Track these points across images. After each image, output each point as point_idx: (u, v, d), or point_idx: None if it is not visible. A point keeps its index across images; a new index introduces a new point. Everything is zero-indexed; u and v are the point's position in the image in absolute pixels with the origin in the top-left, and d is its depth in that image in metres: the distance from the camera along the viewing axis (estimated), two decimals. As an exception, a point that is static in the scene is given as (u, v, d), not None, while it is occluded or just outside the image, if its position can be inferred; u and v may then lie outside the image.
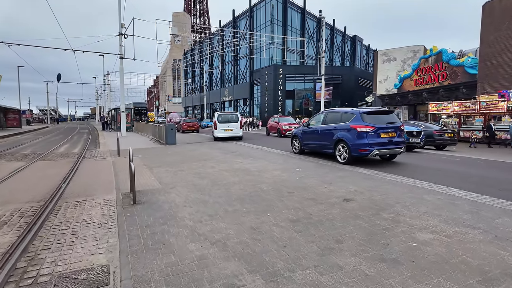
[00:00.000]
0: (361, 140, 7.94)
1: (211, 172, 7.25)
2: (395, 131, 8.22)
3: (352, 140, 8.11)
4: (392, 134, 8.17)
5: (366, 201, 4.61)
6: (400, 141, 8.35)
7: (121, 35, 19.08)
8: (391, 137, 8.15)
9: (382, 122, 8.22)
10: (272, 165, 8.08)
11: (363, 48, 67.59)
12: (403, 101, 29.27)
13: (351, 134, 8.18)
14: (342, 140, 8.47)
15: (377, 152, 7.92)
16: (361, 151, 7.95)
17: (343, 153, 8.48)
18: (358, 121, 8.18)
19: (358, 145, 7.97)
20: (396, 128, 8.26)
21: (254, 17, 45.78)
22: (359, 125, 8.07)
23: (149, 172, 7.48)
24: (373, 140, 7.92)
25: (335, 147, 8.78)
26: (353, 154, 8.13)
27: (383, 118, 8.41)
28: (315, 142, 9.91)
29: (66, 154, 11.67)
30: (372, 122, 8.10)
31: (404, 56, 31.29)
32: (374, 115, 8.35)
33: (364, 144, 7.90)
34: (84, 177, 7.13)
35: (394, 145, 8.19)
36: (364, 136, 7.94)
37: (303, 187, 5.56)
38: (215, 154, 10.84)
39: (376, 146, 7.92)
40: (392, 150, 8.26)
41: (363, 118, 8.17)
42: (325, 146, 9.34)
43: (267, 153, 10.91)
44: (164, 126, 14.95)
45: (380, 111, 8.81)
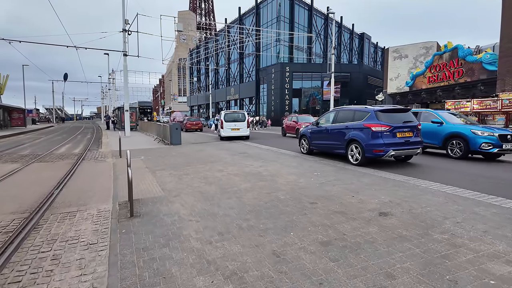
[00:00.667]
0: (376, 140, 7.42)
1: (219, 177, 6.54)
2: (412, 130, 7.70)
3: (366, 140, 7.58)
4: (409, 134, 7.64)
5: (407, 216, 3.85)
6: (417, 141, 7.79)
7: (125, 31, 18.49)
8: (408, 137, 7.61)
9: (398, 121, 7.67)
10: (286, 169, 7.34)
11: (371, 46, 66.40)
12: (415, 99, 28.27)
13: (365, 134, 7.66)
14: (354, 140, 7.96)
15: (393, 153, 7.39)
16: (376, 151, 7.41)
17: (355, 153, 7.95)
18: (373, 119, 7.65)
19: (373, 145, 7.44)
20: (413, 127, 7.74)
21: (260, 14, 45.01)
22: (373, 124, 7.53)
23: (151, 176, 6.80)
24: (389, 140, 7.40)
25: (347, 147, 8.26)
26: (366, 155, 7.60)
27: (399, 116, 7.86)
28: (325, 142, 9.40)
29: (65, 155, 11.08)
30: (388, 120, 7.57)
31: (416, 53, 30.24)
32: (389, 113, 7.80)
33: (379, 144, 7.37)
34: (80, 182, 6.48)
35: (411, 145, 7.63)
36: (379, 135, 7.42)
37: (326, 196, 4.81)
38: (222, 155, 10.14)
39: (392, 146, 7.38)
40: (409, 151, 7.70)
41: (378, 117, 7.63)
42: (336, 146, 8.81)
43: (278, 154, 10.17)
44: (168, 126, 14.31)
45: (396, 109, 8.16)
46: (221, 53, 58.45)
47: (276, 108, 41.33)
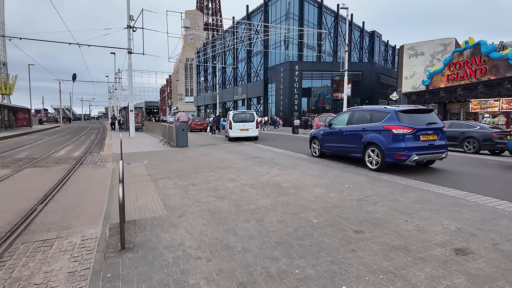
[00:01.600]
0: (398, 143, 6.84)
1: (232, 188, 5.56)
2: (436, 133, 7.12)
3: (387, 144, 6.99)
4: (433, 137, 7.06)
5: (496, 255, 2.80)
6: (442, 144, 7.21)
7: (130, 28, 17.67)
8: (432, 140, 7.03)
9: (422, 123, 7.06)
10: (308, 178, 6.32)
11: (382, 44, 64.78)
12: (433, 99, 26.89)
13: (385, 136, 7.07)
14: (373, 143, 7.37)
15: (417, 157, 6.77)
16: (398, 156, 6.82)
17: (374, 158, 7.32)
18: (394, 121, 7.04)
19: (394, 149, 6.85)
20: (438, 130, 7.15)
21: (269, 12, 43.96)
22: (394, 126, 6.93)
23: (152, 187, 5.85)
24: (412, 144, 6.78)
25: (364, 151, 7.65)
26: (387, 160, 7.00)
27: (423, 117, 7.24)
28: (339, 145, 8.77)
29: (63, 159, 10.24)
30: (410, 122, 6.95)
31: (433, 50, 28.82)
32: (411, 114, 7.19)
33: (401, 148, 6.77)
34: (71, 194, 5.57)
35: (435, 149, 7.05)
36: (401, 138, 6.83)
37: (372, 220, 3.78)
38: (233, 160, 9.15)
39: (416, 150, 6.77)
40: (434, 155, 7.11)
41: (399, 118, 7.01)
42: (351, 150, 8.19)
43: (295, 159, 9.14)
44: (174, 127, 13.40)
45: (419, 109, 7.51)
46: (228, 52, 57.59)
47: (285, 108, 40.24)
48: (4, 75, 67.77)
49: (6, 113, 27.19)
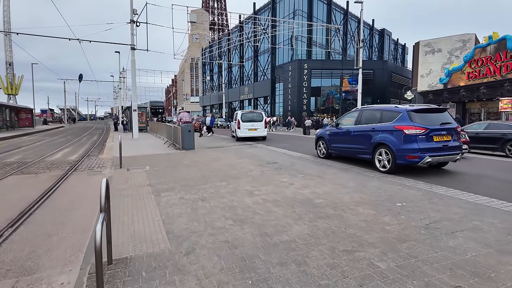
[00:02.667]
0: (410, 144, 6.50)
1: (252, 206, 4.43)
2: (450, 133, 6.77)
3: (398, 144, 6.65)
4: (447, 138, 6.72)
5: None
6: (456, 145, 6.87)
7: (133, 22, 16.68)
8: (446, 141, 6.69)
9: (435, 123, 6.73)
10: (344, 191, 5.15)
11: (392, 43, 63.13)
12: (452, 98, 25.47)
13: (396, 137, 6.74)
14: (383, 144, 7.03)
15: (430, 159, 6.43)
16: (410, 158, 6.47)
17: (384, 159, 6.99)
18: (405, 120, 6.71)
19: (406, 151, 6.51)
20: (452, 130, 6.81)
21: (276, 9, 42.77)
22: (406, 126, 6.60)
23: (153, 203, 4.75)
24: (425, 145, 6.45)
25: (373, 152, 7.30)
26: (398, 162, 6.64)
27: (436, 117, 6.93)
28: (346, 146, 8.43)
29: (57, 164, 9.22)
30: (423, 122, 6.62)
31: (451, 46, 27.34)
32: (424, 114, 6.88)
33: (414, 150, 6.44)
34: (52, 212, 4.49)
35: (449, 150, 6.72)
36: (413, 139, 6.49)
37: (465, 264, 2.61)
38: (246, 166, 8.02)
39: (429, 152, 6.43)
40: (448, 157, 6.79)
41: (411, 117, 6.67)
42: (360, 151, 7.84)
43: (319, 165, 7.97)
44: (180, 128, 12.33)
45: (432, 108, 7.19)
46: (234, 51, 56.55)
47: (293, 107, 39.02)
48: (10, 75, 67.66)
49: (8, 113, 26.46)
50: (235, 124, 17.50)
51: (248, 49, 52.15)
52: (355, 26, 50.43)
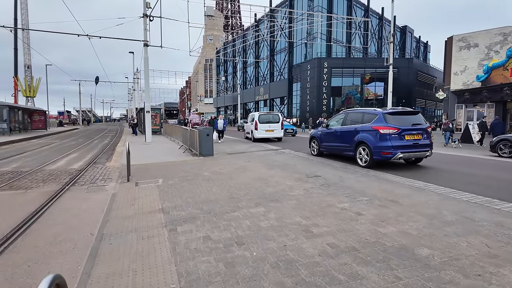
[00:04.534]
0: (384, 142, 7.48)
1: (319, 260, 2.81)
2: (421, 132, 7.74)
3: (374, 142, 7.63)
4: (418, 136, 7.69)
5: None
6: (427, 143, 7.80)
7: (146, 16, 15.38)
8: (417, 140, 7.65)
9: (407, 124, 7.72)
10: (451, 232, 3.45)
11: (414, 40, 60.25)
12: (492, 97, 23.09)
13: (373, 136, 7.72)
14: (363, 142, 8.00)
15: (401, 155, 7.47)
16: (384, 154, 7.48)
17: (364, 156, 8.00)
18: (381, 122, 7.70)
19: (381, 148, 7.48)
20: (423, 130, 7.77)
21: (294, 6, 41.01)
22: (382, 126, 7.58)
23: (167, 248, 3.19)
24: (397, 143, 7.44)
25: (355, 150, 8.31)
26: (374, 158, 7.65)
27: (408, 119, 7.89)
28: (334, 144, 9.47)
29: (56, 174, 7.87)
30: (396, 123, 7.60)
31: (489, 40, 24.92)
32: (398, 116, 7.85)
33: (388, 147, 7.42)
34: (21, 258, 3.00)
35: (420, 148, 7.68)
36: (387, 138, 7.48)
37: None
38: (282, 180, 6.40)
39: (400, 149, 7.42)
40: (418, 153, 7.76)
41: (386, 119, 7.65)
42: (345, 149, 8.87)
43: (379, 182, 6.25)
44: (197, 131, 10.84)
45: (405, 111, 8.17)
46: (250, 51, 55.14)
47: (312, 108, 37.16)
48: (29, 78, 68.64)
49: (21, 115, 25.84)
50: (250, 126, 17.59)
51: (264, 48, 50.60)
52: (376, 23, 48.10)
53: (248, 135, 18.54)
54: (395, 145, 7.36)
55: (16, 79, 45.77)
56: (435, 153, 11.12)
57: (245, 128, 20.27)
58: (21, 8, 46.75)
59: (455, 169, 7.56)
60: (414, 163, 8.54)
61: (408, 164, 8.64)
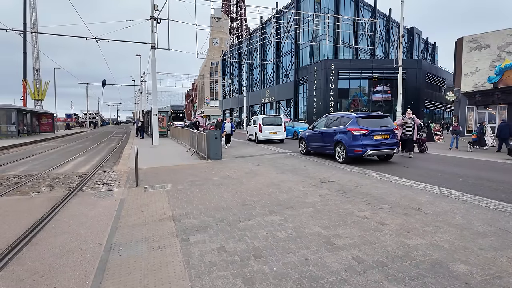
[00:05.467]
0: (356, 141, 8.58)
1: (345, 277, 2.58)
2: (388, 133, 8.81)
3: (348, 142, 8.74)
4: (385, 136, 8.76)
5: None
6: (393, 142, 8.90)
7: (154, 19, 15.33)
8: (384, 139, 8.74)
9: (376, 125, 8.81)
10: (486, 245, 3.19)
11: (421, 42, 59.58)
12: (505, 99, 22.56)
13: (348, 136, 8.81)
14: (340, 142, 9.10)
15: (370, 152, 8.51)
16: (356, 151, 8.55)
17: (341, 153, 9.07)
18: (354, 124, 8.79)
19: (353, 146, 8.59)
20: (390, 131, 8.86)
21: (301, 8, 40.84)
22: (354, 128, 8.67)
23: (180, 261, 2.99)
24: (367, 142, 8.52)
25: (334, 148, 9.41)
26: (349, 154, 8.74)
27: (377, 121, 9.00)
28: (318, 144, 10.52)
29: (64, 178, 7.75)
30: (366, 125, 8.70)
31: (501, 41, 24.36)
32: (368, 119, 8.97)
33: (359, 145, 8.52)
34: (22, 273, 2.82)
35: (386, 146, 8.76)
36: (359, 138, 8.56)
37: None
38: (295, 186, 6.16)
39: (370, 147, 8.50)
40: (385, 151, 8.85)
41: (358, 122, 8.78)
42: (326, 147, 9.94)
43: (398, 188, 5.98)
44: (205, 134, 10.67)
45: (374, 115, 9.42)
46: (255, 53, 55.07)
47: (319, 110, 36.76)
48: (37, 81, 69.52)
49: (29, 118, 26.00)
50: (254, 128, 18.07)
51: (270, 50, 50.49)
52: (383, 24, 47.63)
53: (251, 137, 18.82)
54: (365, 143, 8.53)
55: (25, 83, 46.29)
56: (452, 157, 10.78)
57: (248, 131, 20.52)
58: (30, 11, 47.40)
59: (476, 175, 7.23)
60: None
61: (420, 167, 8.32)
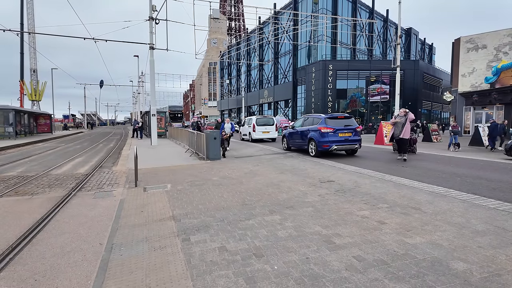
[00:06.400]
0: (324, 138, 10.12)
1: (346, 275, 2.60)
2: (351, 131, 10.31)
3: (318, 138, 10.28)
4: (348, 134, 10.27)
5: None
6: (356, 139, 10.40)
7: (152, 19, 15.32)
8: (348, 136, 10.26)
9: (341, 125, 10.33)
10: (485, 243, 3.22)
11: (419, 43, 59.86)
12: (502, 99, 22.70)
13: (318, 134, 10.33)
14: (312, 139, 10.60)
15: (336, 147, 10.09)
16: (324, 146, 10.08)
17: (313, 148, 10.56)
18: (323, 124, 10.32)
19: (322, 142, 10.13)
20: (352, 129, 10.36)
21: (298, 9, 40.93)
22: (323, 127, 10.19)
23: (181, 260, 3.00)
24: (333, 138, 10.07)
25: (308, 144, 10.90)
26: (318, 149, 10.26)
27: (342, 121, 10.54)
28: (297, 141, 11.97)
29: (63, 179, 7.73)
30: (333, 124, 10.24)
31: (498, 42, 24.52)
32: (335, 120, 10.54)
33: (326, 142, 10.05)
34: (20, 276, 2.82)
35: (349, 142, 10.31)
36: (326, 135, 10.09)
37: None
38: (294, 185, 6.19)
39: (335, 143, 10.07)
40: (348, 146, 10.41)
41: (326, 122, 10.32)
42: (302, 144, 11.41)
43: (397, 187, 6.01)
44: (204, 135, 10.68)
45: (341, 116, 10.96)
46: (254, 54, 55.11)
47: (317, 111, 36.78)
48: (34, 81, 69.17)
49: (27, 119, 25.88)
50: (247, 128, 19.39)
51: (268, 51, 50.55)
52: (381, 25, 47.81)
53: (245, 137, 19.86)
54: (331, 140, 10.01)
55: (22, 83, 46.04)
56: (449, 156, 10.83)
57: (241, 131, 21.29)
58: (27, 12, 47.16)
59: (474, 174, 7.27)
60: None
61: (418, 167, 8.36)
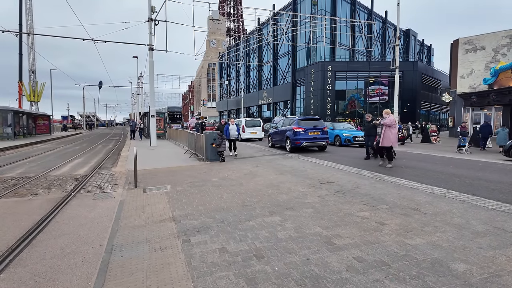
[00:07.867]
0: (296, 136, 12.09)
1: (347, 277, 2.60)
2: (319, 131, 12.33)
3: (292, 136, 12.25)
4: (316, 133, 12.26)
5: None
6: (323, 137, 12.43)
7: (151, 20, 15.33)
8: (316, 135, 12.26)
9: (311, 125, 12.35)
10: (485, 244, 3.23)
11: (417, 44, 60.05)
12: (501, 100, 22.75)
13: (292, 133, 12.28)
14: (288, 137, 12.62)
15: (306, 144, 12.08)
16: (296, 143, 12.06)
17: (289, 145, 12.58)
18: (296, 124, 12.34)
19: (295, 140, 12.11)
20: (320, 129, 12.38)
21: (297, 10, 41.01)
22: (296, 127, 12.19)
23: (182, 262, 3.00)
24: (303, 136, 12.06)
25: (285, 141, 12.94)
26: (292, 146, 12.27)
27: (312, 122, 12.57)
28: (278, 139, 14.07)
29: (62, 180, 7.71)
30: (304, 125, 12.23)
31: (496, 43, 24.64)
32: (306, 121, 12.64)
33: (298, 139, 12.03)
34: (19, 279, 2.81)
35: (317, 140, 12.33)
36: (298, 134, 12.06)
37: None
38: (294, 186, 6.19)
39: (305, 140, 12.07)
40: (316, 143, 12.45)
41: (299, 123, 12.35)
42: (282, 141, 13.48)
43: (396, 189, 6.01)
44: (203, 136, 10.67)
45: (311, 118, 13.32)
46: (253, 55, 55.14)
47: (316, 112, 36.83)
48: (33, 82, 69.02)
49: (25, 120, 25.82)
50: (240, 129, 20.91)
51: (267, 52, 50.60)
52: (379, 26, 47.93)
53: None
54: (302, 138, 11.97)
55: (21, 84, 45.93)
56: (448, 158, 10.86)
57: None
58: (25, 12, 47.09)
59: (473, 175, 7.29)
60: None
61: (417, 168, 8.38)
